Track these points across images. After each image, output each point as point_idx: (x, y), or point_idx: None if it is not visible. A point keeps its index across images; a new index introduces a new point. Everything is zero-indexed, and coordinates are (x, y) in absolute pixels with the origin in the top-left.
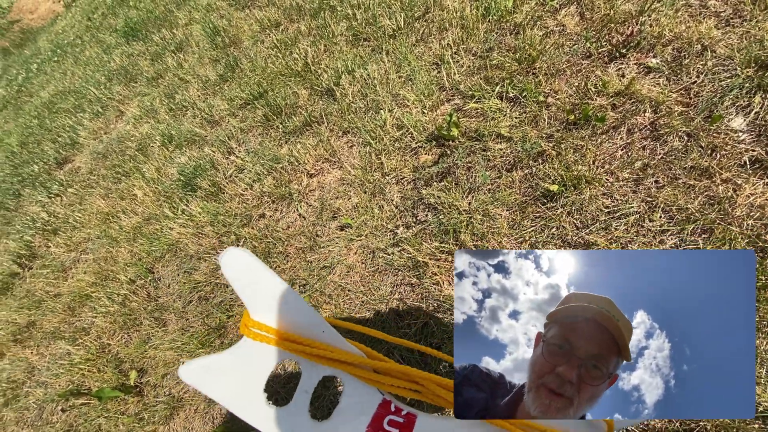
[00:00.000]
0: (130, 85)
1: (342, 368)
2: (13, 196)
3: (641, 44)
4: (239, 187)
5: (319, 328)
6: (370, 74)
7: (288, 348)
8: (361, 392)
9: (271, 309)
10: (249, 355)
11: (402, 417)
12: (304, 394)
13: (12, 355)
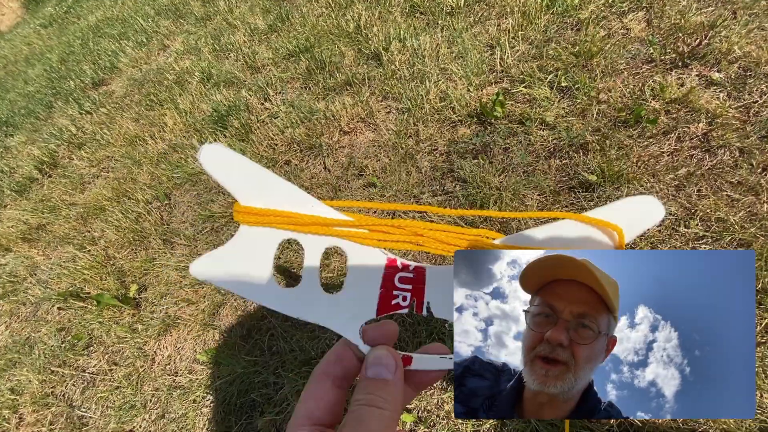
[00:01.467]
0: (178, 21)
1: (340, 235)
2: (45, 107)
3: (707, 57)
4: (270, 132)
5: (309, 204)
6: (421, 45)
7: (284, 226)
8: (366, 256)
9: (258, 193)
10: (250, 241)
11: (411, 272)
12: (312, 270)
13: (18, 252)
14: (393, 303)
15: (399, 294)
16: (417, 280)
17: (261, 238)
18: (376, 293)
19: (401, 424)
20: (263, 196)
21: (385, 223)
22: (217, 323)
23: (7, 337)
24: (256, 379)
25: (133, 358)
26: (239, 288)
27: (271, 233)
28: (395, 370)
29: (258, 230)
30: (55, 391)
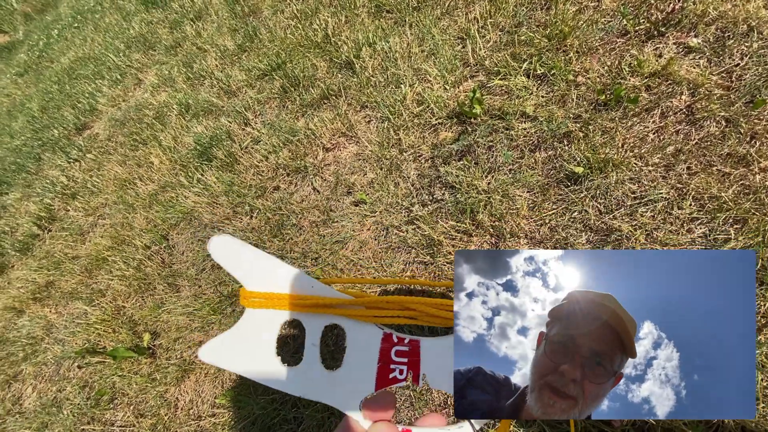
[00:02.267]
0: (148, 53)
1: (338, 313)
2: (34, 160)
3: (682, 23)
4: (254, 159)
5: (309, 284)
6: (391, 47)
7: (285, 307)
8: (363, 332)
9: (262, 279)
10: (254, 324)
11: (406, 345)
12: (312, 348)
13: (31, 313)
14: (390, 377)
15: (396, 368)
16: (412, 353)
17: (264, 321)
18: (374, 368)
19: None
20: (265, 279)
21: (380, 299)
22: None
23: (35, 399)
24: (275, 417)
25: (156, 407)
26: (245, 370)
27: (274, 315)
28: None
29: (262, 312)
30: None
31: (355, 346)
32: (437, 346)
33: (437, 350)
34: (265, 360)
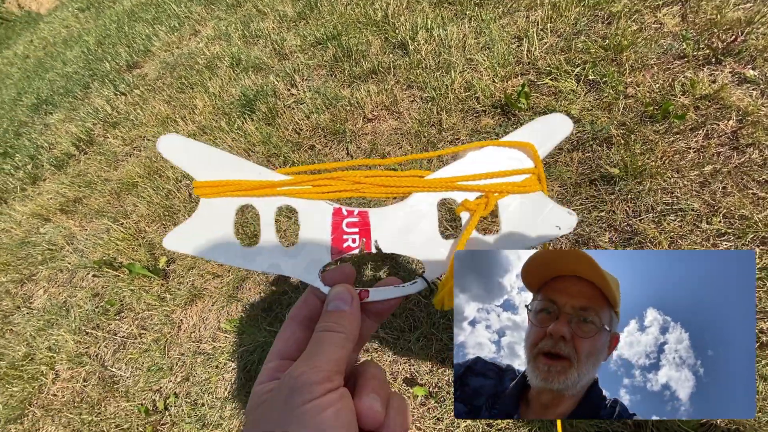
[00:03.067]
0: (209, 7)
1: (287, 194)
2: (83, 87)
3: (742, 54)
4: (296, 116)
5: (256, 171)
6: (448, 35)
7: (236, 193)
8: (313, 209)
9: (211, 170)
10: (210, 212)
11: (356, 216)
12: (268, 228)
13: (56, 222)
14: (344, 246)
15: (348, 237)
16: (363, 223)
17: (219, 208)
18: (328, 239)
19: (413, 397)
20: (216, 171)
21: (324, 177)
22: (240, 296)
23: (46, 300)
24: None
25: (160, 325)
26: (207, 253)
27: (228, 202)
28: (351, 302)
29: (216, 201)
30: (89, 351)
31: (308, 223)
32: (385, 214)
33: (386, 218)
34: (225, 243)
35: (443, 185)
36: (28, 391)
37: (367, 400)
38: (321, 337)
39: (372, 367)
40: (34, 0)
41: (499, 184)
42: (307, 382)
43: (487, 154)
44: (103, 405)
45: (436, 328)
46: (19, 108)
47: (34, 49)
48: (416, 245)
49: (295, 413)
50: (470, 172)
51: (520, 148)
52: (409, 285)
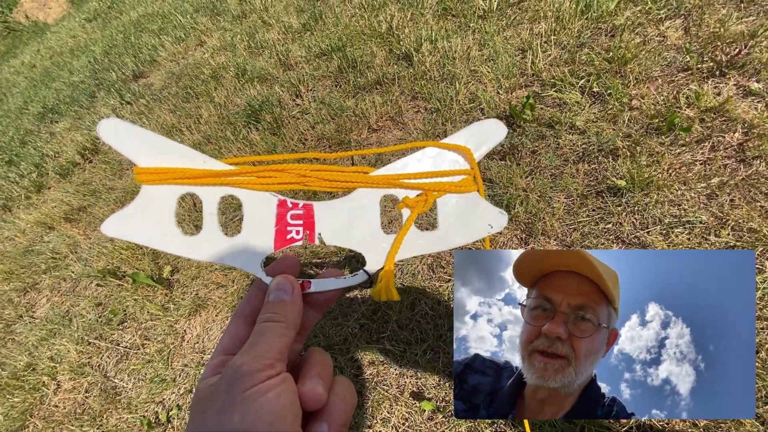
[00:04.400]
0: (215, 18)
1: (232, 183)
2: (88, 96)
3: (746, 67)
4: (301, 126)
5: (201, 159)
6: (452, 47)
7: (179, 181)
8: (258, 199)
9: (154, 156)
10: (151, 198)
11: (300, 209)
12: (211, 217)
13: (60, 230)
14: (288, 237)
15: (292, 229)
16: (307, 216)
17: (161, 195)
18: (272, 230)
19: (420, 411)
20: (158, 157)
21: (269, 168)
22: None
23: (48, 309)
24: None
25: (164, 335)
26: (147, 240)
27: (170, 189)
28: (292, 291)
29: (158, 188)
30: (92, 362)
31: (252, 213)
32: (330, 207)
33: (330, 212)
34: (166, 231)
35: (386, 182)
36: (29, 402)
37: (309, 383)
38: (262, 327)
39: (317, 353)
40: (42, 10)
41: (438, 183)
42: (248, 371)
43: (428, 154)
44: (104, 417)
45: (444, 341)
46: (26, 116)
47: (41, 59)
48: (358, 239)
49: (236, 400)
50: (412, 170)
51: (458, 151)
52: (350, 277)
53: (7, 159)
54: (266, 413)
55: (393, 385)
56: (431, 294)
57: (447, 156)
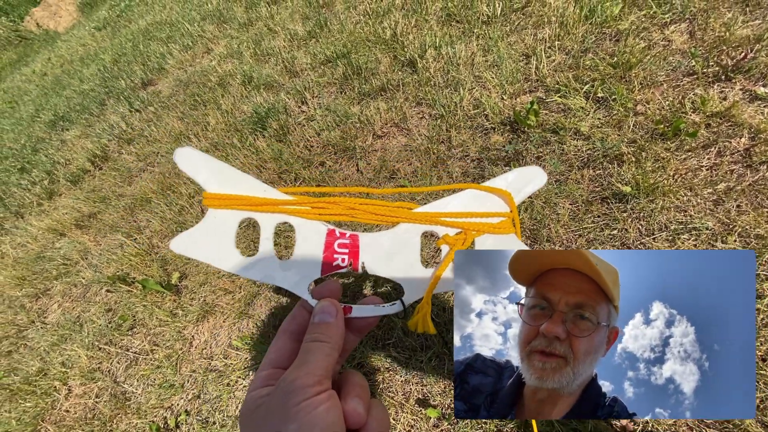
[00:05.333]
0: (221, 26)
1: (288, 212)
2: (98, 104)
3: (752, 71)
4: (307, 134)
5: (262, 189)
6: (456, 53)
7: (241, 207)
8: (310, 228)
9: (221, 183)
10: (215, 222)
11: (347, 239)
12: (267, 242)
13: (71, 237)
14: (334, 264)
15: (338, 257)
16: (353, 245)
17: (224, 218)
18: (320, 257)
19: (425, 418)
20: (225, 185)
21: (323, 200)
22: (251, 312)
23: (60, 315)
24: None
25: (172, 341)
26: (210, 259)
27: (232, 214)
28: (336, 315)
29: (222, 212)
30: (102, 367)
31: (303, 240)
32: (374, 239)
33: (374, 243)
34: (226, 251)
35: (428, 219)
36: (41, 406)
37: (351, 402)
38: (310, 346)
39: (355, 376)
40: (52, 19)
41: (477, 223)
42: (301, 386)
43: (469, 195)
44: (114, 422)
45: (449, 348)
46: (37, 124)
47: (52, 67)
48: (398, 270)
49: (291, 412)
50: (452, 209)
51: (498, 194)
52: (388, 306)
53: (20, 166)
54: (319, 426)
55: (398, 392)
56: (436, 302)
57: (487, 198)
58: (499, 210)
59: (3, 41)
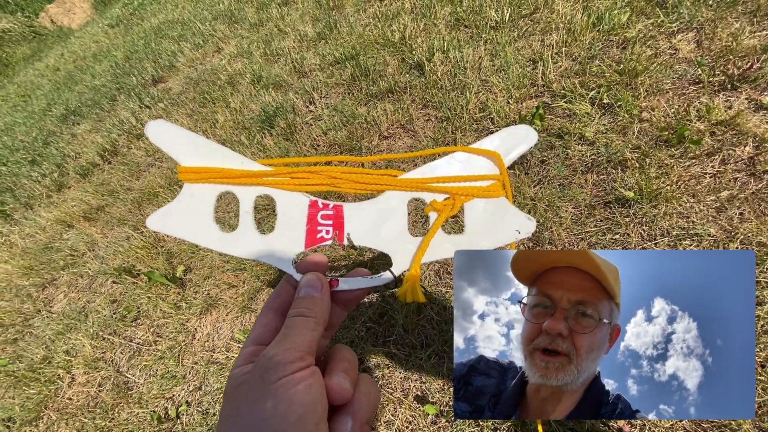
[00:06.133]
0: (233, 26)
1: (267, 183)
2: (109, 100)
3: (758, 81)
4: (314, 132)
5: (239, 160)
6: (463, 57)
7: (219, 180)
8: (291, 200)
9: (196, 156)
10: (192, 196)
11: (331, 209)
12: (246, 216)
13: (79, 229)
14: (318, 237)
15: (322, 229)
16: (337, 216)
17: (201, 193)
18: (303, 230)
19: (423, 415)
20: (200, 157)
21: (303, 170)
22: (254, 307)
23: (65, 304)
24: None
25: (175, 333)
26: (187, 235)
27: (210, 188)
28: (321, 288)
29: (198, 186)
30: (105, 357)
31: (285, 213)
32: (359, 209)
33: (359, 213)
34: (205, 227)
35: (414, 185)
36: (44, 394)
37: (336, 378)
38: (293, 321)
39: (343, 350)
40: (67, 15)
41: (465, 187)
42: (280, 362)
43: (457, 158)
44: (116, 411)
45: (448, 346)
46: (49, 118)
47: (65, 63)
48: (386, 240)
49: (269, 389)
50: (440, 174)
51: (487, 156)
52: (376, 277)
53: (30, 159)
54: (297, 404)
55: (397, 388)
56: (437, 299)
57: (476, 161)
58: (488, 173)
59: (18, 36)
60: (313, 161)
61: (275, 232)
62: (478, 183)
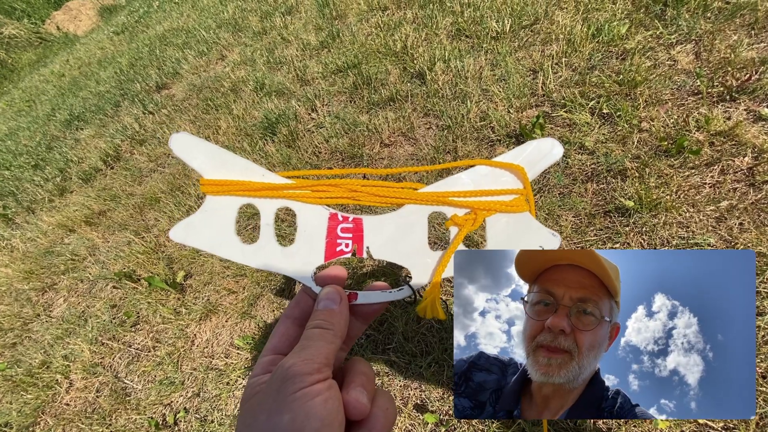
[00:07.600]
0: (236, 34)
1: (288, 196)
2: (113, 105)
3: (756, 92)
4: (315, 140)
5: (260, 173)
6: (464, 66)
7: (240, 192)
8: (311, 212)
9: (218, 169)
10: (214, 208)
11: (350, 222)
12: (267, 227)
13: (80, 234)
14: (337, 249)
15: (342, 242)
16: (356, 229)
17: (223, 205)
18: (323, 242)
19: (423, 424)
20: (223, 170)
21: (323, 183)
22: (254, 313)
23: (65, 309)
24: None
25: (174, 339)
26: (209, 246)
27: (231, 200)
28: (340, 302)
29: (221, 199)
30: (104, 362)
31: (305, 225)
32: (379, 222)
33: (379, 226)
34: (226, 239)
35: (435, 199)
36: (42, 399)
37: (354, 392)
38: (311, 333)
39: (361, 364)
40: (72, 22)
41: (487, 201)
42: (298, 373)
43: (479, 172)
44: (114, 417)
45: (449, 354)
46: (53, 123)
47: (70, 69)
48: (405, 254)
49: (286, 401)
50: (461, 188)
51: (511, 170)
52: (395, 291)
53: (34, 163)
54: (314, 418)
55: (397, 396)
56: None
57: (499, 174)
58: (511, 187)
59: (24, 42)
60: (333, 174)
61: (295, 245)
62: (500, 197)
